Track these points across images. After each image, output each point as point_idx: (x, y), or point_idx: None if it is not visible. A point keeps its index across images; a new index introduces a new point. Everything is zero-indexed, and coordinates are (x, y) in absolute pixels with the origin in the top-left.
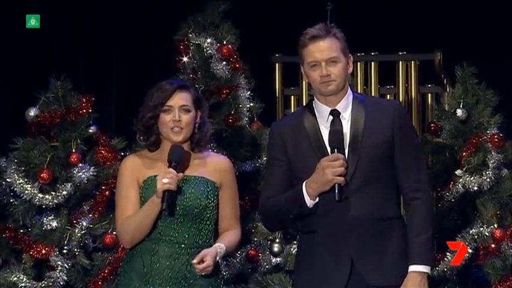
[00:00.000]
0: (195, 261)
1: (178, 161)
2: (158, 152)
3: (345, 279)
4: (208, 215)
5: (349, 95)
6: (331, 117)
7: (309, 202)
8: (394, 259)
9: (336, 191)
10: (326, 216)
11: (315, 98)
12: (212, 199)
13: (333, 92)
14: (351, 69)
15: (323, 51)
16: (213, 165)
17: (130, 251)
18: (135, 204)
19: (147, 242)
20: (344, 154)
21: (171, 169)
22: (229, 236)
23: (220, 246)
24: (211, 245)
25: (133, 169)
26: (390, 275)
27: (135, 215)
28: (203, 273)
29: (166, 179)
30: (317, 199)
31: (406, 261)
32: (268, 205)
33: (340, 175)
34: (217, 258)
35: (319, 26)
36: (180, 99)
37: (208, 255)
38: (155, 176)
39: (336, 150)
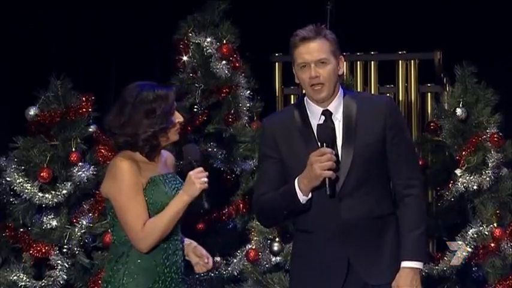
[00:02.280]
0: (206, 260)
1: (197, 158)
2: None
3: (342, 279)
4: None
5: (341, 95)
6: (323, 118)
7: (302, 198)
8: (390, 257)
9: (327, 186)
10: (322, 215)
11: (306, 97)
12: None
13: (324, 99)
14: (341, 71)
15: (312, 53)
16: (170, 160)
17: (135, 252)
18: (146, 207)
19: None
20: (333, 148)
21: (201, 168)
22: None
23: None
24: None
25: (136, 172)
26: (387, 273)
27: (160, 218)
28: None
29: (204, 178)
30: (310, 195)
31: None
32: (262, 202)
33: (329, 169)
34: None
35: (310, 27)
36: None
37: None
38: (155, 177)
39: (324, 144)
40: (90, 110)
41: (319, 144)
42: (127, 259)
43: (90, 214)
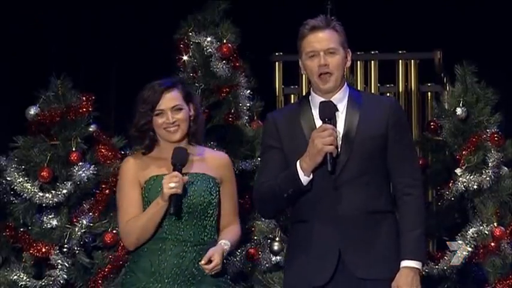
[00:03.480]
0: (202, 262)
1: (183, 163)
2: (156, 152)
3: (331, 270)
4: (212, 211)
5: (346, 89)
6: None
7: (303, 178)
8: (382, 253)
9: (328, 161)
10: (318, 206)
11: (311, 91)
12: (215, 195)
13: (332, 89)
14: (349, 64)
15: (322, 42)
16: (212, 161)
17: (136, 251)
18: (138, 205)
19: (153, 241)
20: (335, 125)
21: (176, 172)
22: (232, 232)
23: (225, 243)
24: (215, 241)
25: (135, 170)
26: (377, 269)
27: (140, 217)
28: (212, 273)
29: (173, 183)
30: (311, 176)
31: (395, 255)
32: (263, 188)
33: (331, 145)
34: (224, 255)
35: (320, 17)
36: (170, 100)
37: (216, 254)
38: (157, 176)
39: (326, 120)
40: (90, 109)
41: (320, 121)
42: (130, 257)
43: (91, 214)
